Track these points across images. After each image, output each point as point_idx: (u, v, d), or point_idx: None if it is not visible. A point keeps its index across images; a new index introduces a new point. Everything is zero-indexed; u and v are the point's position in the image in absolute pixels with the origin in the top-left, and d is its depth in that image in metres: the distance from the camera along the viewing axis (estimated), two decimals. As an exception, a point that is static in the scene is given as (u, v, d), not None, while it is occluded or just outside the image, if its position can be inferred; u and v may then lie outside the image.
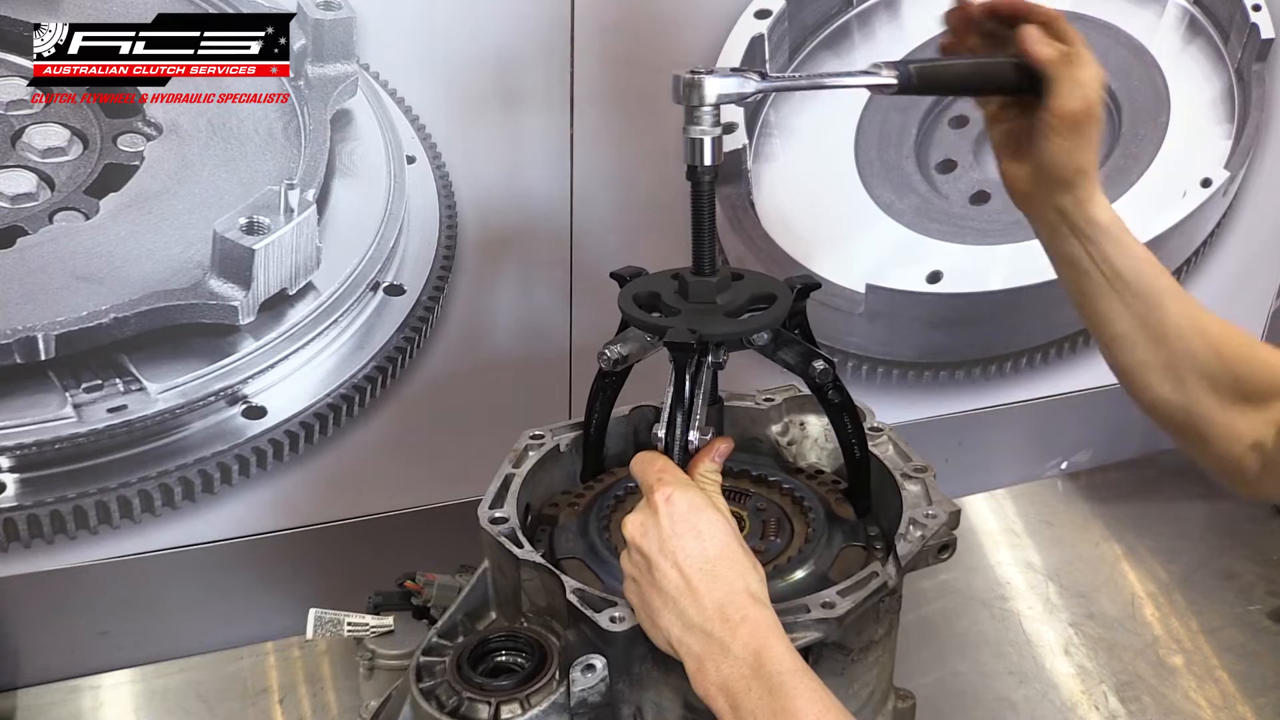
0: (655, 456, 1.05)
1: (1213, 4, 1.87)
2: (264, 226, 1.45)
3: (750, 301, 1.11)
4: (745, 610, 0.94)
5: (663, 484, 0.99)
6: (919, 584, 1.78)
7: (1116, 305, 1.18)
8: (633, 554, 0.99)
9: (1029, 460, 2.16)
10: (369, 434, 1.63)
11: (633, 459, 1.06)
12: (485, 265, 1.59)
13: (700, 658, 0.93)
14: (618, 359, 1.10)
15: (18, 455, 1.45)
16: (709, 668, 0.93)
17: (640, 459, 1.05)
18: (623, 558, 1.02)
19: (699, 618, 0.94)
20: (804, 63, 1.68)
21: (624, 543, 1.01)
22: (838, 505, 1.20)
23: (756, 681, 0.90)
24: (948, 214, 1.86)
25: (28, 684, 1.58)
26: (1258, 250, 2.12)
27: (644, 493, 1.02)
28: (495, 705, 1.01)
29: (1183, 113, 1.92)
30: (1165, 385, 1.18)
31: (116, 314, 1.41)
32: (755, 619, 0.93)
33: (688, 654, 0.94)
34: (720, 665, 0.92)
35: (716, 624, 0.93)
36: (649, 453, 1.06)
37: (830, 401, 1.14)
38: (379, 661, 1.34)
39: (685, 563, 0.96)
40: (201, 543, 1.60)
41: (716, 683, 0.92)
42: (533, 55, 1.49)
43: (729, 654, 0.92)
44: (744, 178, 1.70)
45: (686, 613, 0.95)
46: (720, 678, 0.92)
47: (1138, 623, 1.80)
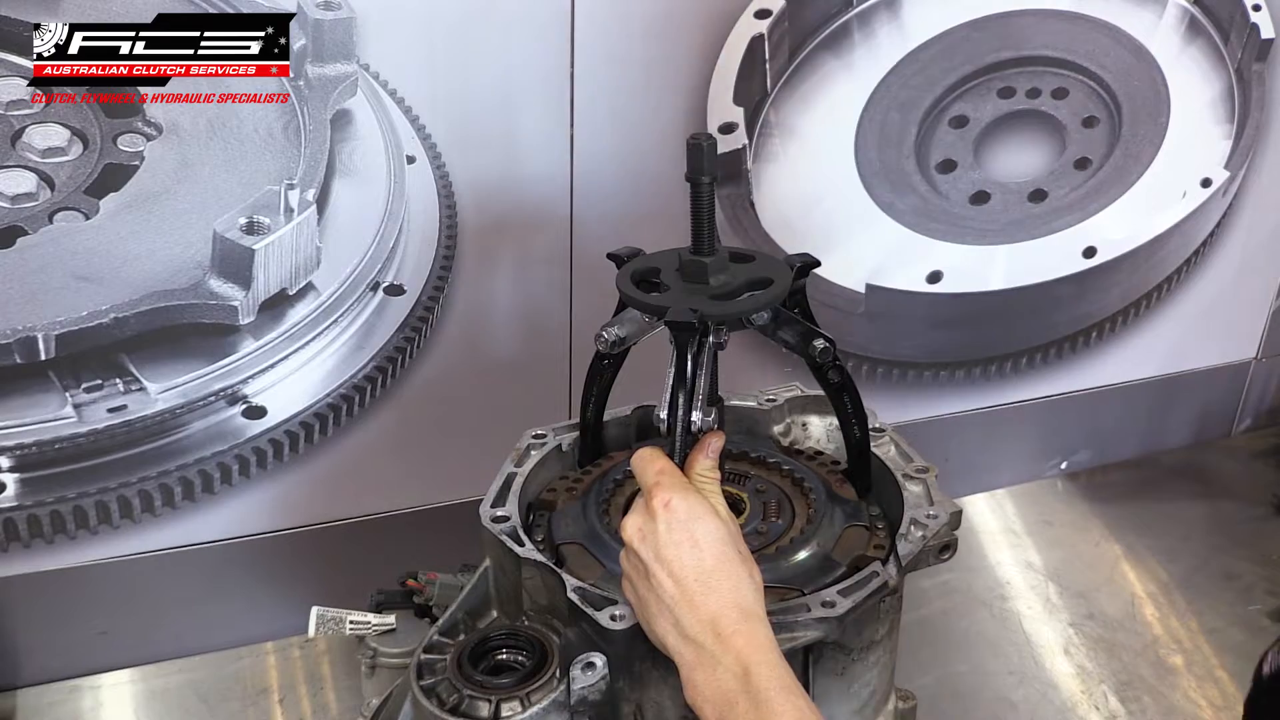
0: (655, 455, 1.04)
1: (1213, 4, 1.87)
2: (264, 226, 1.44)
3: (749, 281, 1.10)
4: (737, 625, 0.94)
5: (661, 488, 0.99)
6: (919, 584, 1.78)
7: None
8: (630, 556, 1.00)
9: (1029, 460, 2.16)
10: (369, 434, 1.63)
11: (633, 455, 1.06)
12: (485, 265, 1.59)
13: (692, 667, 0.94)
14: (615, 340, 1.09)
15: (18, 455, 1.45)
16: (699, 679, 0.93)
17: (640, 456, 1.05)
18: (621, 556, 1.02)
19: (693, 629, 0.94)
20: (804, 62, 1.68)
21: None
22: (839, 486, 1.20)
23: (744, 697, 0.91)
24: (948, 214, 1.86)
25: (28, 684, 1.58)
26: (1258, 250, 2.13)
27: (643, 493, 1.02)
28: (496, 703, 1.01)
29: (1183, 113, 1.92)
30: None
31: (116, 314, 1.41)
32: (747, 634, 0.94)
33: (681, 662, 0.95)
34: (710, 678, 0.93)
35: (709, 637, 0.94)
36: (649, 450, 1.05)
37: (830, 381, 1.14)
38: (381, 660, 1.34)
39: (681, 573, 0.96)
40: (201, 543, 1.60)
41: (706, 695, 0.93)
42: (533, 56, 1.49)
43: (719, 668, 0.93)
44: (744, 178, 1.70)
45: (681, 622, 0.95)
46: (710, 690, 0.93)
47: (1138, 623, 1.80)
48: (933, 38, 1.73)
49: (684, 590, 0.95)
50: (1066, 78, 1.83)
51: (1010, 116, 1.83)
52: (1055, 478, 2.17)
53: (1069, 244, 1.95)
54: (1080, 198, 1.93)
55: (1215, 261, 2.10)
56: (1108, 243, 1.97)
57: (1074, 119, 1.86)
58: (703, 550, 0.96)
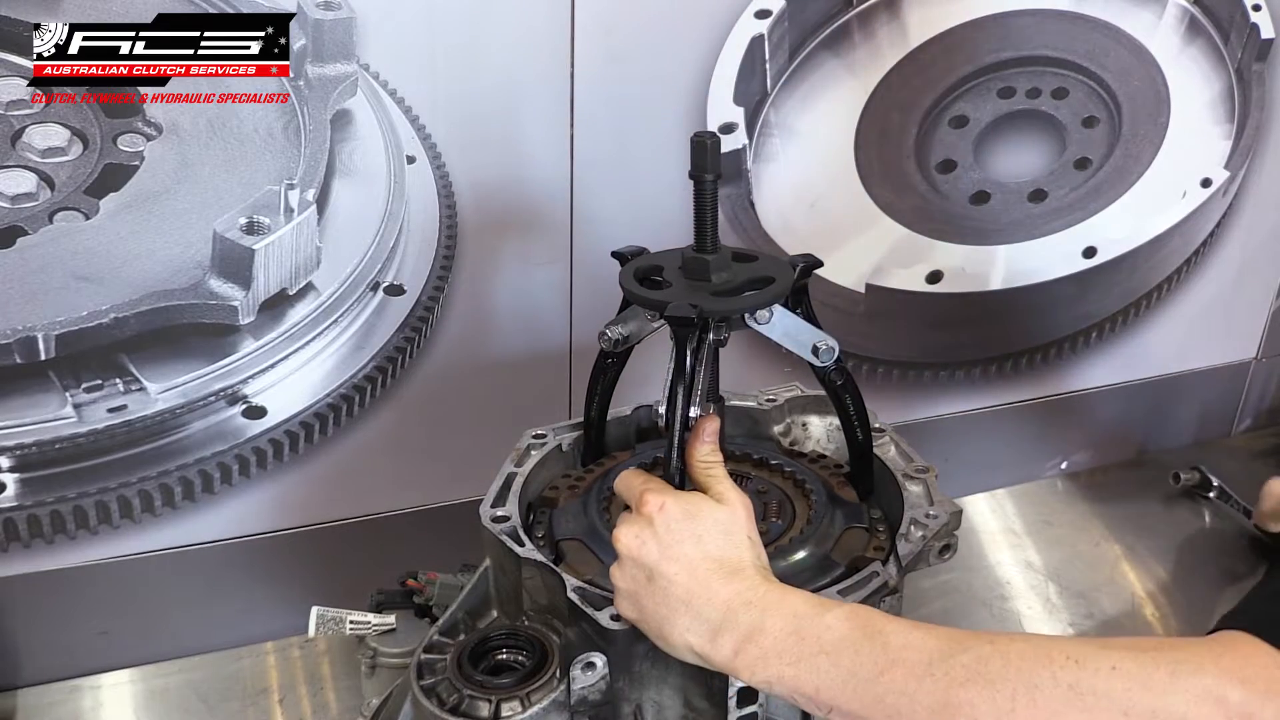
0: (636, 471, 1.06)
1: (1213, 4, 1.87)
2: (264, 226, 1.44)
3: (751, 280, 1.10)
4: (760, 587, 0.94)
5: (651, 493, 0.99)
6: (919, 584, 1.78)
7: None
8: (627, 568, 0.98)
9: (1029, 460, 2.16)
10: (369, 434, 1.63)
11: (615, 480, 1.07)
12: (485, 265, 1.59)
13: (735, 650, 0.92)
14: (618, 339, 1.10)
15: (18, 455, 1.45)
16: (752, 656, 0.91)
17: (623, 477, 1.06)
18: (614, 574, 1.00)
19: (719, 614, 0.93)
20: (804, 62, 1.68)
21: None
22: (840, 488, 1.20)
23: (823, 632, 0.89)
24: (948, 214, 1.86)
25: (28, 684, 1.58)
26: (1258, 250, 2.13)
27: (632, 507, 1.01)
28: (496, 703, 1.01)
29: (1183, 113, 1.92)
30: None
31: (116, 314, 1.41)
32: (780, 588, 0.94)
33: (716, 653, 0.93)
34: (766, 643, 0.91)
35: (741, 612, 0.92)
36: (630, 470, 1.07)
37: (832, 382, 1.14)
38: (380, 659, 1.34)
39: (691, 566, 0.95)
40: (201, 543, 1.60)
41: (769, 659, 0.90)
42: (533, 55, 1.49)
43: (766, 631, 0.91)
44: (744, 178, 1.70)
45: (702, 613, 0.94)
46: (775, 649, 0.90)
47: (1138, 623, 1.80)
48: (933, 38, 1.73)
49: (698, 580, 0.94)
50: (1066, 78, 1.83)
51: (1010, 116, 1.83)
52: (1055, 478, 2.17)
53: (1069, 244, 1.95)
54: (1080, 198, 1.93)
55: (1215, 261, 2.10)
56: (1108, 243, 1.97)
57: (1074, 119, 1.87)
58: (707, 543, 0.96)
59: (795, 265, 1.13)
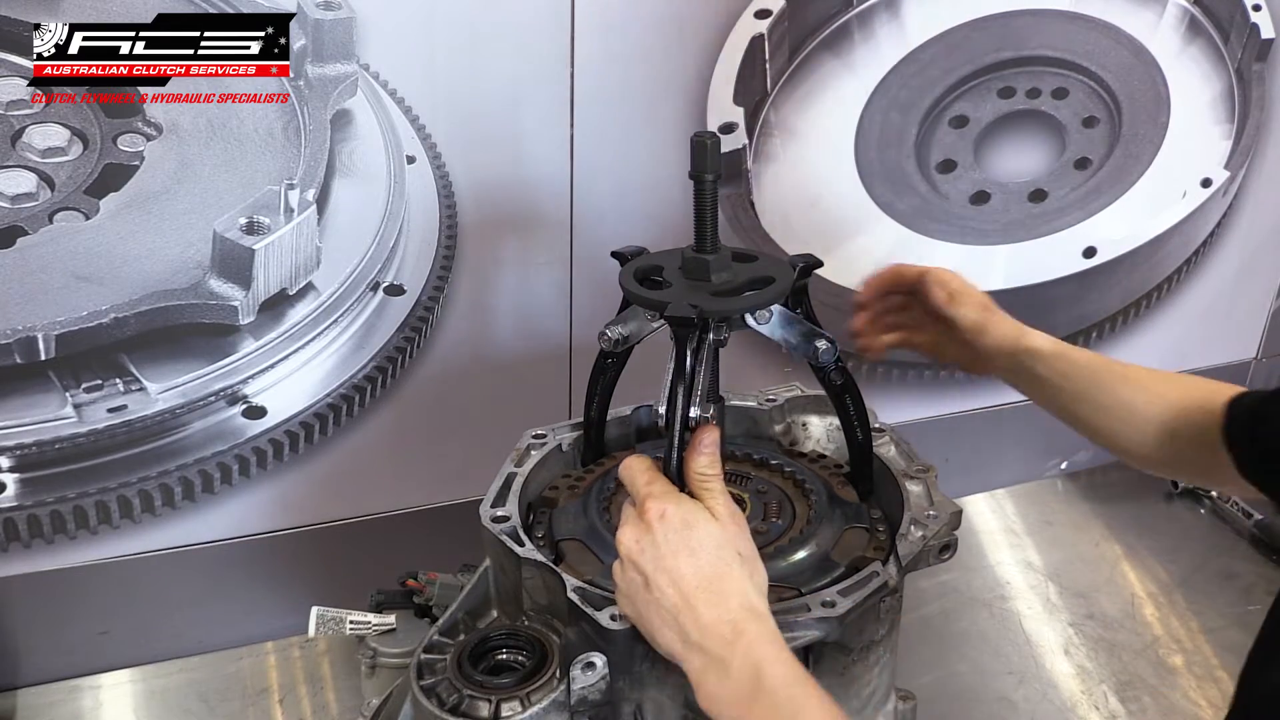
0: (643, 465, 1.03)
1: (1213, 4, 1.87)
2: (264, 226, 1.44)
3: (751, 280, 1.10)
4: (743, 625, 0.94)
5: (653, 498, 0.98)
6: (919, 584, 1.78)
7: (1085, 407, 1.35)
8: (627, 569, 0.98)
9: (1029, 460, 2.16)
10: (369, 434, 1.63)
11: (620, 465, 1.05)
12: (485, 265, 1.59)
13: (702, 673, 0.94)
14: (618, 339, 1.10)
15: (18, 455, 1.45)
16: (711, 684, 0.93)
17: (627, 466, 1.03)
18: (615, 571, 1.01)
19: (697, 635, 0.94)
20: (804, 62, 1.68)
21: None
22: (840, 488, 1.20)
23: (761, 695, 0.91)
24: (948, 214, 1.86)
25: (28, 684, 1.58)
26: (1258, 250, 2.13)
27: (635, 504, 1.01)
28: (496, 703, 1.01)
29: (1183, 113, 1.92)
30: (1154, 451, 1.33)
31: (116, 314, 1.41)
32: (753, 634, 0.93)
33: (690, 669, 0.95)
34: (723, 682, 0.93)
35: (715, 642, 0.93)
36: (635, 459, 1.04)
37: (832, 382, 1.14)
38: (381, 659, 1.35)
39: (681, 581, 0.95)
40: (201, 543, 1.60)
41: (721, 699, 0.93)
42: (533, 56, 1.49)
43: (730, 671, 0.92)
44: (744, 178, 1.70)
45: (685, 630, 0.94)
46: (725, 693, 0.92)
47: (1138, 623, 1.80)
48: (933, 38, 1.73)
49: (686, 598, 0.95)
50: (1066, 78, 1.83)
51: (1010, 116, 1.83)
52: (1055, 478, 2.17)
53: (1069, 244, 1.95)
54: (1080, 198, 1.93)
55: (1215, 261, 2.10)
56: (1108, 243, 1.97)
57: (1074, 119, 1.87)
58: (701, 557, 0.96)
59: (795, 265, 1.13)
